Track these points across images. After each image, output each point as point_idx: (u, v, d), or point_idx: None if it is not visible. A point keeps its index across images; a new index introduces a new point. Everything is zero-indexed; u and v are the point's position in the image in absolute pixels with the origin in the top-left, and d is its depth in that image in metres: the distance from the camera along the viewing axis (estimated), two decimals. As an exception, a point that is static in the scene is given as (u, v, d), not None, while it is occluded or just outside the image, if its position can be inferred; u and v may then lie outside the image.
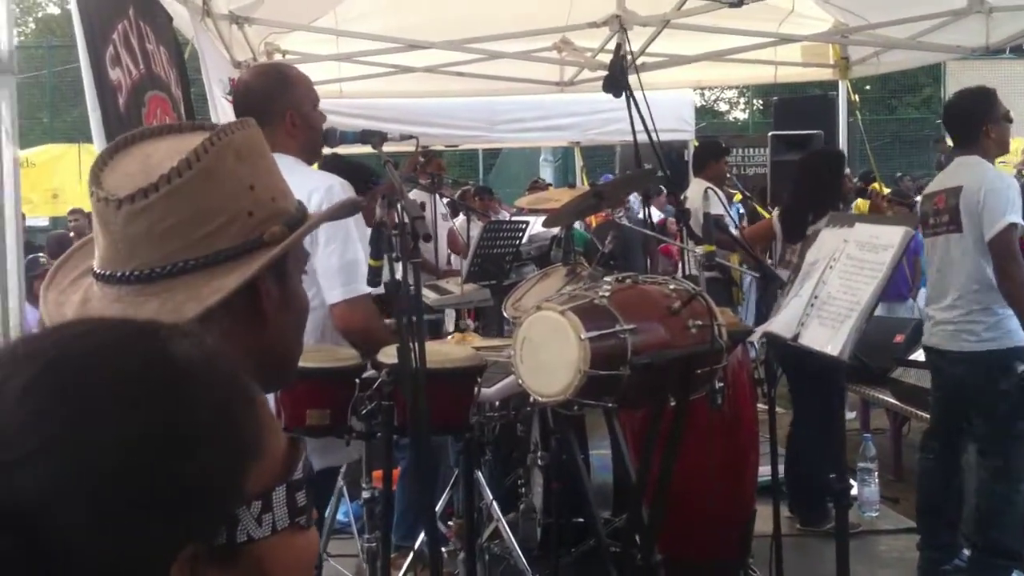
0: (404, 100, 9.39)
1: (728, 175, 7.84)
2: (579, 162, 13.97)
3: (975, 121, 4.62)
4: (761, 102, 25.57)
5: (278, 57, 7.36)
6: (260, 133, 1.33)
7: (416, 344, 2.57)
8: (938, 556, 4.70)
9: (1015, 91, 17.37)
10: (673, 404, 2.97)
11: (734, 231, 7.64)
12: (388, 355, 2.81)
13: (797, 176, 5.74)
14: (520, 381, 2.82)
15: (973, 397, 4.52)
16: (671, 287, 3.11)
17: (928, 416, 5.85)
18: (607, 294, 2.91)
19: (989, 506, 4.50)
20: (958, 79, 14.73)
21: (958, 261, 4.51)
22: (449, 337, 4.02)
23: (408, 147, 3.88)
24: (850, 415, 7.28)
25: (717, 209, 5.32)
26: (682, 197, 6.31)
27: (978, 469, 4.59)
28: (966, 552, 4.64)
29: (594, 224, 9.62)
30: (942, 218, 4.61)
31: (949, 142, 5.21)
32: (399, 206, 2.70)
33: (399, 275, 2.69)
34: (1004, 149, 4.73)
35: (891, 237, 2.98)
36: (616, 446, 3.54)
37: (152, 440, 0.76)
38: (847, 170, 7.31)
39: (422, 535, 3.66)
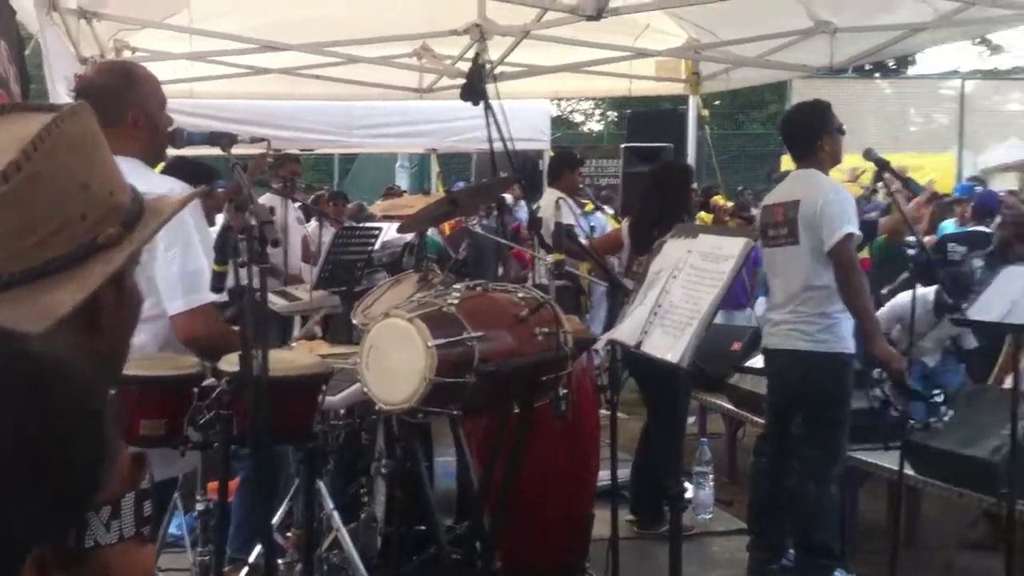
0: (258, 102, 9.25)
1: (581, 185, 7.97)
2: (435, 169, 13.98)
3: (812, 135, 4.82)
4: (616, 114, 26.09)
5: (127, 55, 7.14)
6: (94, 118, 1.27)
7: (258, 352, 2.54)
8: (767, 556, 4.89)
9: (857, 109, 18.20)
10: (517, 411, 3.01)
11: (584, 241, 7.80)
12: (229, 363, 2.77)
13: (647, 188, 5.86)
14: (366, 389, 2.82)
15: (801, 396, 4.72)
16: (520, 295, 3.15)
17: (762, 421, 6.09)
18: (456, 301, 2.93)
19: (801, 505, 4.70)
20: (803, 96, 15.29)
21: (796, 270, 4.70)
22: (295, 344, 3.97)
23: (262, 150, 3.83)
24: (689, 420, 7.51)
25: (568, 219, 5.41)
26: (535, 206, 6.41)
27: (795, 469, 4.78)
28: (792, 552, 4.84)
29: (448, 231, 9.64)
30: (781, 230, 4.79)
31: (782, 166, 5.43)
32: (247, 210, 2.66)
33: (244, 281, 2.65)
34: (837, 160, 4.94)
35: (732, 248, 3.08)
36: (460, 453, 3.57)
37: (19, 436, 0.75)
38: (694, 183, 7.54)
39: (259, 547, 3.60)
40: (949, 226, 9.42)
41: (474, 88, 4.27)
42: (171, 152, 3.37)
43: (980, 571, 4.61)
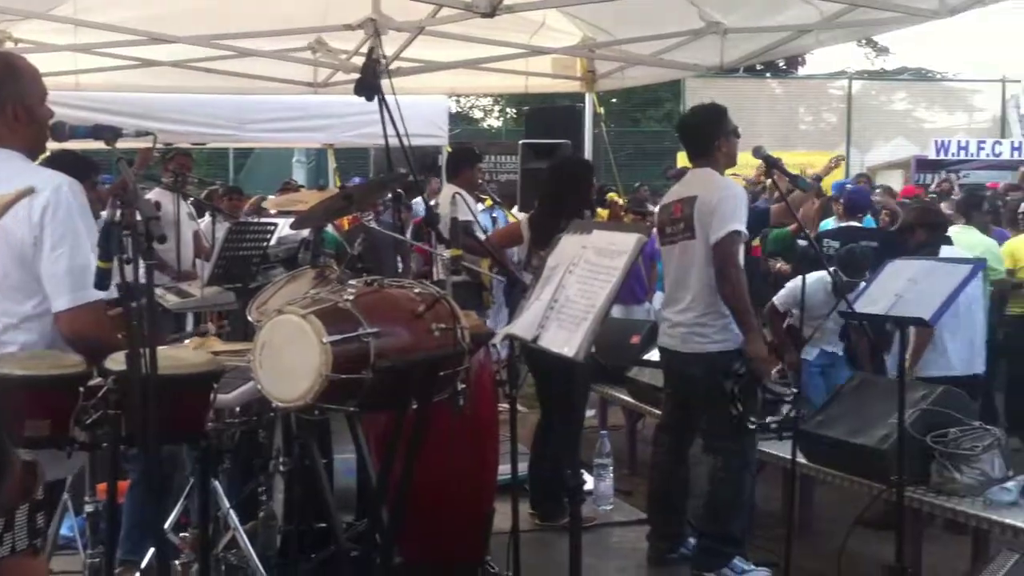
0: (147, 95, 9.02)
1: (480, 181, 7.97)
2: (332, 164, 13.84)
3: (709, 137, 4.91)
4: (515, 111, 26.20)
5: (9, 46, 6.91)
6: None
7: (146, 349, 2.47)
8: (666, 545, 4.97)
9: (747, 108, 18.60)
10: (415, 407, 3.00)
11: (482, 236, 7.80)
12: (117, 361, 2.69)
13: (548, 183, 5.87)
14: (259, 386, 2.77)
15: (702, 394, 4.79)
16: (416, 291, 3.13)
17: (660, 413, 6.17)
18: (351, 297, 2.90)
19: (717, 497, 4.78)
20: (696, 95, 15.61)
21: (692, 267, 4.77)
22: (187, 341, 3.89)
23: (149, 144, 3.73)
24: (589, 413, 7.58)
25: (465, 215, 5.40)
26: (433, 202, 6.38)
27: (707, 462, 4.87)
28: (691, 540, 4.91)
29: (347, 226, 9.55)
30: (678, 226, 4.86)
31: (679, 163, 5.51)
32: (132, 205, 2.59)
33: (130, 278, 2.57)
34: (732, 162, 5.04)
35: (625, 243, 3.10)
36: (359, 450, 3.54)
37: None
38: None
39: (152, 549, 3.52)
40: (830, 223, 9.72)
41: (368, 83, 4.22)
42: (56, 146, 3.27)
43: (871, 555, 4.75)
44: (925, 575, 4.54)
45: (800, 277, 6.25)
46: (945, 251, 5.69)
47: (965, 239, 7.22)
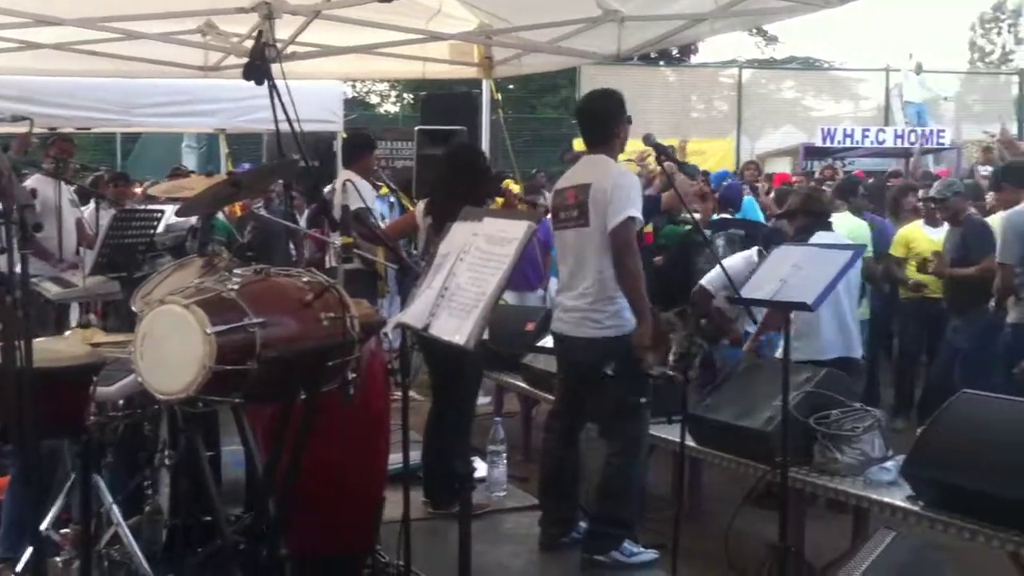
0: (28, 78, 8.69)
1: (376, 167, 7.92)
2: (224, 150, 13.58)
3: (608, 123, 4.94)
4: (412, 96, 26.04)
5: None
6: None
7: (22, 342, 2.40)
8: (557, 530, 5.01)
9: (642, 95, 18.80)
10: (303, 398, 2.97)
11: (382, 224, 7.75)
12: (-10, 354, 2.60)
13: (446, 170, 5.80)
14: (140, 379, 2.72)
15: (594, 380, 4.84)
16: (304, 279, 3.10)
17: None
18: (236, 287, 2.87)
19: (612, 480, 4.84)
20: (593, 83, 15.69)
21: (587, 254, 4.80)
22: (68, 333, 3.78)
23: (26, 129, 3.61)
24: (484, 400, 7.60)
25: (356, 202, 5.35)
26: (328, 189, 6.31)
27: (599, 447, 4.93)
28: (583, 525, 4.97)
29: (239, 213, 9.40)
30: (572, 213, 4.89)
31: (576, 147, 5.53)
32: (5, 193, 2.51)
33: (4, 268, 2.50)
34: (622, 148, 5.09)
35: (516, 231, 3.12)
36: (245, 442, 3.49)
37: None
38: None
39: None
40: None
41: (256, 67, 4.15)
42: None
43: (757, 534, 4.86)
44: (808, 553, 4.66)
45: (734, 257, 6.39)
46: (821, 236, 5.85)
47: (840, 223, 7.50)
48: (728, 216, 8.17)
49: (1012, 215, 6.60)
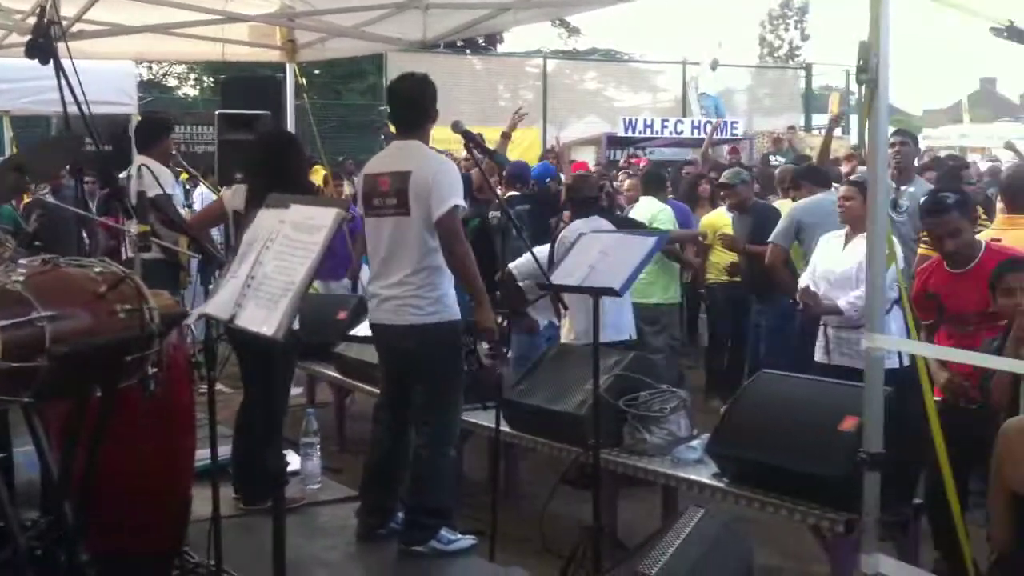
0: None
1: (174, 152, 7.60)
2: (8, 133, 12.80)
3: (425, 109, 4.87)
4: (212, 79, 25.24)
5: None
6: None
7: None
8: (376, 520, 4.94)
9: (450, 83, 18.80)
10: (100, 394, 2.80)
11: (183, 210, 7.44)
12: None
13: (258, 156, 5.55)
14: (-86, 378, 2.49)
15: (416, 367, 4.79)
16: (97, 270, 2.93)
17: (370, 388, 6.16)
18: (21, 279, 2.68)
19: (424, 470, 4.80)
20: (400, 69, 15.58)
21: (407, 242, 4.70)
22: None
23: None
24: (297, 390, 7.45)
25: (154, 188, 5.10)
26: (124, 175, 5.99)
27: (416, 436, 4.88)
28: (400, 515, 4.92)
29: (26, 200, 8.85)
30: (389, 200, 4.77)
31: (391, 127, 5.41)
32: None
33: None
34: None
35: (324, 218, 3.03)
36: (38, 443, 3.27)
37: None
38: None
39: None
40: None
41: (39, 45, 3.90)
42: None
43: (572, 516, 4.94)
44: (620, 532, 4.78)
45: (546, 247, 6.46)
46: (596, 221, 6.10)
47: (646, 207, 7.88)
48: (515, 193, 8.31)
49: (799, 204, 6.97)
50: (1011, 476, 3.09)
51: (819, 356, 5.76)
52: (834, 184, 7.31)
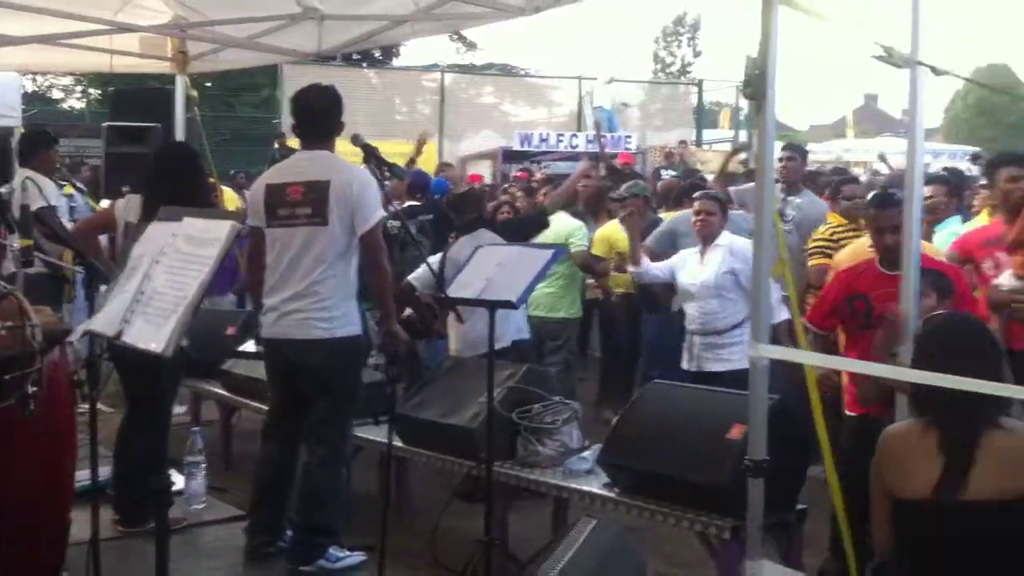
0: None
1: (59, 166, 7.41)
2: None
3: (331, 119, 4.84)
4: (100, 92, 24.64)
5: None
6: None
7: None
8: (264, 539, 4.88)
9: (346, 96, 18.68)
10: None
11: (68, 224, 7.25)
12: None
13: (155, 170, 5.40)
14: None
15: (319, 383, 4.75)
16: (-25, 286, 2.83)
17: (258, 405, 6.07)
18: None
19: (314, 487, 4.75)
20: (295, 82, 15.43)
21: (317, 252, 4.66)
22: None
23: None
24: (181, 409, 7.31)
25: (38, 201, 4.98)
26: (6, 189, 5.82)
27: (306, 453, 4.83)
28: (289, 533, 4.87)
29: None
30: (301, 210, 4.71)
31: (289, 141, 5.37)
32: None
33: None
34: None
35: (219, 231, 3.00)
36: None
37: None
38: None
39: None
40: None
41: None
42: None
43: (463, 530, 4.93)
44: (513, 544, 4.79)
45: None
46: (481, 234, 6.16)
47: (561, 223, 7.80)
48: (415, 203, 8.30)
49: (678, 215, 7.20)
50: (891, 482, 3.19)
51: (685, 364, 5.98)
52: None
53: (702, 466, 4.11)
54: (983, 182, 6.50)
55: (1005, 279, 4.99)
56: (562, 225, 7.77)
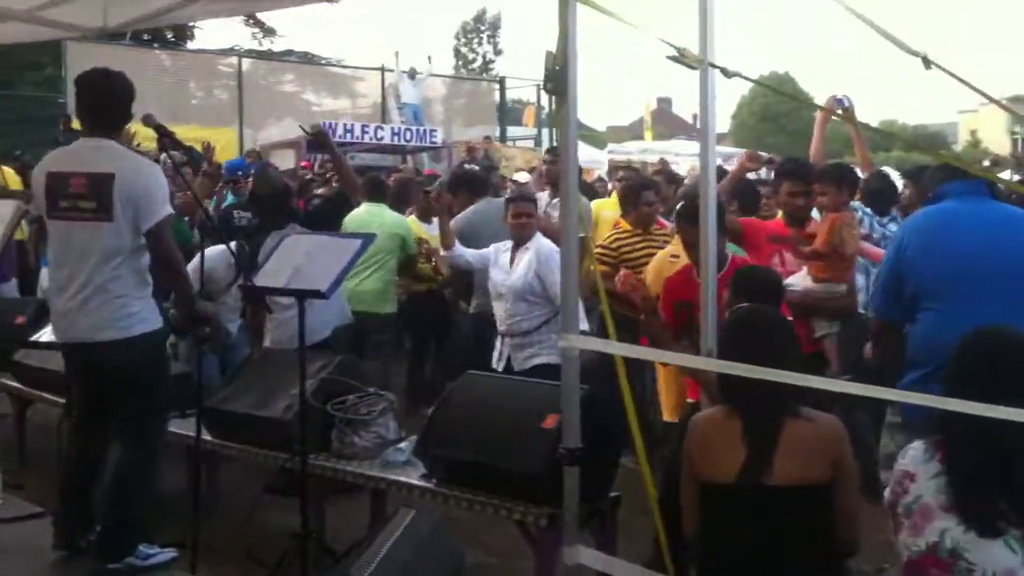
0: None
1: None
2: None
3: (120, 107, 4.59)
4: None
5: None
6: None
7: None
8: (73, 535, 4.67)
9: (134, 77, 17.89)
10: None
11: None
12: None
13: None
14: None
15: (121, 383, 4.56)
16: None
17: (53, 398, 5.81)
18: None
19: (122, 484, 4.57)
20: (80, 61, 14.66)
21: (106, 249, 4.41)
22: None
23: None
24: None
25: None
26: None
27: (117, 449, 4.64)
28: (98, 529, 4.67)
29: None
30: (85, 203, 4.43)
31: (75, 123, 5.07)
32: None
33: None
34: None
35: (2, 210, 2.84)
36: None
37: None
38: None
39: None
40: (230, 198, 10.17)
41: None
42: None
43: (278, 523, 4.85)
44: (329, 538, 4.75)
45: (214, 249, 6.22)
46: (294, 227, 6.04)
47: (376, 213, 7.68)
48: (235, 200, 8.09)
49: (467, 211, 7.39)
50: (699, 467, 3.34)
51: (495, 363, 6.10)
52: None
53: (518, 455, 4.18)
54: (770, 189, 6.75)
55: (798, 280, 5.27)
56: (377, 214, 7.73)
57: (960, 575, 2.72)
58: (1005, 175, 8.36)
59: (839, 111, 6.16)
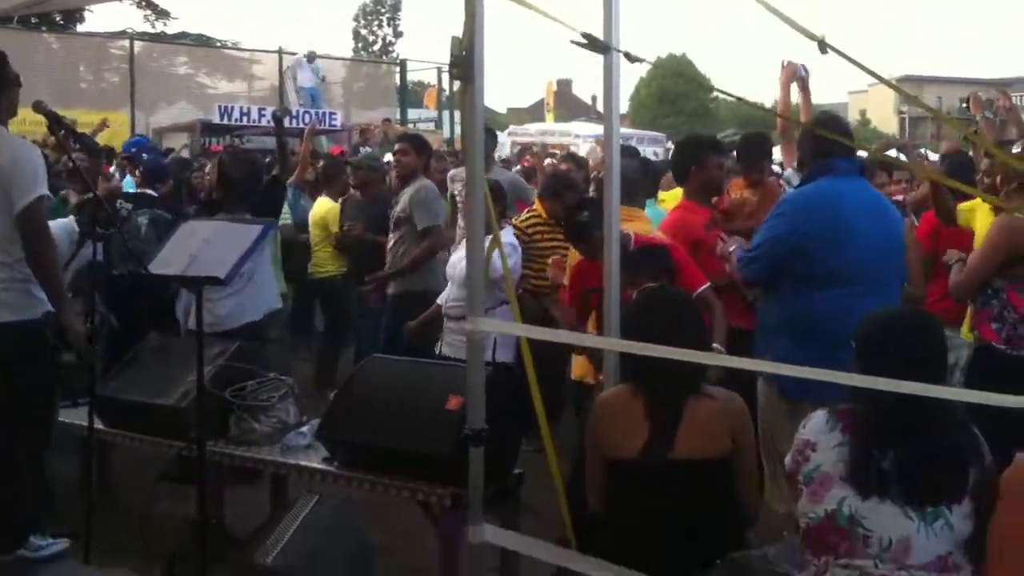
0: None
1: None
2: None
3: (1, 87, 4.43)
4: None
5: None
6: None
7: None
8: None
9: (20, 61, 17.34)
10: None
11: None
12: None
13: None
14: None
15: (8, 370, 4.40)
16: None
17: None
18: None
19: (10, 476, 4.45)
20: (-41, 41, 14.20)
21: None
22: None
23: None
24: None
25: None
26: None
27: (4, 441, 4.48)
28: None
29: None
30: None
31: None
32: None
33: None
34: (13, 113, 4.61)
35: None
36: None
37: None
38: None
39: None
40: (129, 183, 9.91)
41: None
42: None
43: (176, 512, 4.74)
44: (230, 525, 4.66)
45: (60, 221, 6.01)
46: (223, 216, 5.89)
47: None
48: (152, 193, 7.80)
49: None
50: (604, 443, 3.37)
51: (438, 348, 6.04)
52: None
53: (423, 437, 4.15)
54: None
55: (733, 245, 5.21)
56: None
57: (857, 542, 2.78)
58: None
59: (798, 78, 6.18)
